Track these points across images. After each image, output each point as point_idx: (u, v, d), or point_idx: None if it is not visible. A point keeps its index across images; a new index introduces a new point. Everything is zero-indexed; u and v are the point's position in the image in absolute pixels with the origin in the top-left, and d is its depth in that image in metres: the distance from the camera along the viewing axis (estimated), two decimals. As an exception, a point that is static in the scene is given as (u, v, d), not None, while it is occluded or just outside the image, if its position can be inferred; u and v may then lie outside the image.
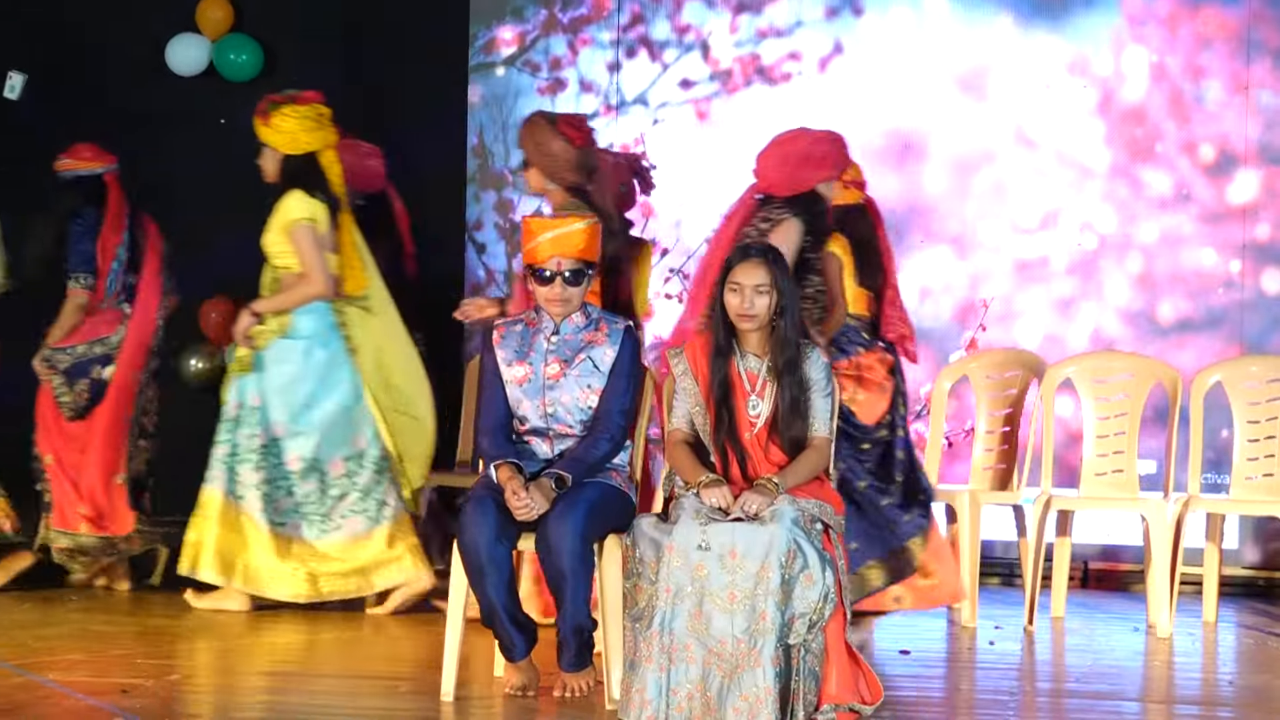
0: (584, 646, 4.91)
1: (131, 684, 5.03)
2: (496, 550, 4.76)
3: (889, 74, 7.89)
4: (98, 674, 5.19)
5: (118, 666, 5.31)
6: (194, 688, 5.09)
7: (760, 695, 4.53)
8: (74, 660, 5.39)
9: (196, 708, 4.80)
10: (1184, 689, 5.57)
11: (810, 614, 4.62)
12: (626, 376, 5.00)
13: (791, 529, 4.62)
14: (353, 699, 4.98)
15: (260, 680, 5.23)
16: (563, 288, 4.98)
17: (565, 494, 4.81)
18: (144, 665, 5.33)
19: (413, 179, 8.28)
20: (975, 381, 6.98)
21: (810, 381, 4.94)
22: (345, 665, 5.57)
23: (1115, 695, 5.33)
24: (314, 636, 6.02)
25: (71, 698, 4.85)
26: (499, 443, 4.95)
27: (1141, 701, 5.34)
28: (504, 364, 5.02)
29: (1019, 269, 7.80)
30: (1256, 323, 7.62)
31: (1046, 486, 6.63)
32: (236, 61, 8.54)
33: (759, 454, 4.93)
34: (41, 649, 5.55)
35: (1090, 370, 6.80)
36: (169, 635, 5.90)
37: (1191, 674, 5.79)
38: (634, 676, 4.65)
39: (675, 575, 4.64)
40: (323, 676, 5.34)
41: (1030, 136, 7.82)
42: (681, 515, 4.73)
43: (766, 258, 4.93)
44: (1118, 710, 5.13)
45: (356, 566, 6.34)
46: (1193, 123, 7.68)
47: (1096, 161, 7.76)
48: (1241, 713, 5.10)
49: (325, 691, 5.10)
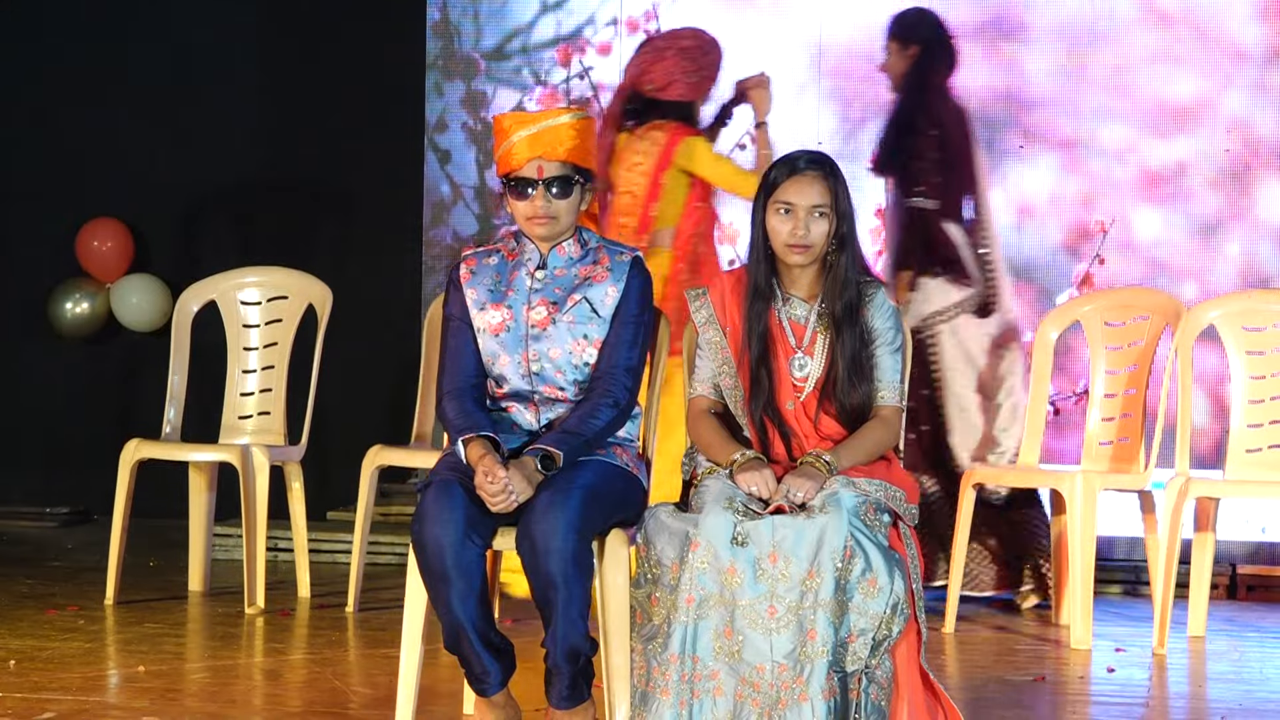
0: (580, 675, 4.92)
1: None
2: (464, 551, 4.76)
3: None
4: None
5: None
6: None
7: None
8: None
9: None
10: (1361, 730, 5.60)
11: (874, 631, 4.63)
12: (635, 324, 4.99)
13: (850, 520, 4.63)
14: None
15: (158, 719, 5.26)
16: (546, 200, 4.96)
17: (555, 477, 4.81)
18: (7, 700, 5.38)
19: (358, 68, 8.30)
20: (1090, 330, 6.98)
21: (875, 333, 4.93)
22: (269, 700, 5.60)
23: (1271, 738, 5.37)
24: (229, 661, 6.07)
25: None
26: (468, 410, 4.95)
27: (1306, 746, 5.39)
28: (475, 307, 5.02)
29: (1147, 182, 7.80)
30: None
31: (1183, 467, 6.64)
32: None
33: (807, 427, 4.93)
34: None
35: (1240, 314, 6.79)
36: (38, 660, 5.95)
37: (1371, 710, 5.82)
38: (646, 712, 4.67)
39: (701, 580, 4.65)
40: (239, 713, 5.37)
41: (1163, 7, 7.79)
42: (708, 502, 4.73)
43: (824, 169, 4.90)
44: (1275, 758, 5.16)
45: None
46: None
47: (1250, 40, 7.74)
48: None
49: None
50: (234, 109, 8.94)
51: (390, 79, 8.50)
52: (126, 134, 9.02)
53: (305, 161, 8.82)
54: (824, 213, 4.87)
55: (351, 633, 6.61)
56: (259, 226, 8.85)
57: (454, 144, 8.27)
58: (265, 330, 7.37)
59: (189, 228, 9.05)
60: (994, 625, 6.96)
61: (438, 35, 8.26)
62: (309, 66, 8.82)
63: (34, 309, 9.00)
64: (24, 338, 9.15)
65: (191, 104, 8.97)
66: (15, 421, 9.15)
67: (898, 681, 4.70)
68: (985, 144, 7.72)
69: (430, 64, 8.29)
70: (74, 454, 9.05)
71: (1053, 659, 6.38)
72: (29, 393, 9.20)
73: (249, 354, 7.36)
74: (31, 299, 9.03)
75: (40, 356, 9.18)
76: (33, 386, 9.23)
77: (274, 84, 8.90)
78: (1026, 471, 6.94)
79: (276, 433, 7.28)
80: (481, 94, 8.22)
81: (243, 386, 7.34)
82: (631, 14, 8.12)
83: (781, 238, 4.88)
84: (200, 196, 9.02)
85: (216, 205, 9.03)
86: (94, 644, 6.27)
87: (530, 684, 5.11)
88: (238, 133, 8.94)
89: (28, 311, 9.05)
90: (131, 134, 9.02)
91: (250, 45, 8.97)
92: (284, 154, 8.89)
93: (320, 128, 8.77)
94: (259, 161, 8.92)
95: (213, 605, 7.05)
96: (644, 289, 5.01)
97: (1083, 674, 6.14)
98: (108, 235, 8.93)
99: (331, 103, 8.75)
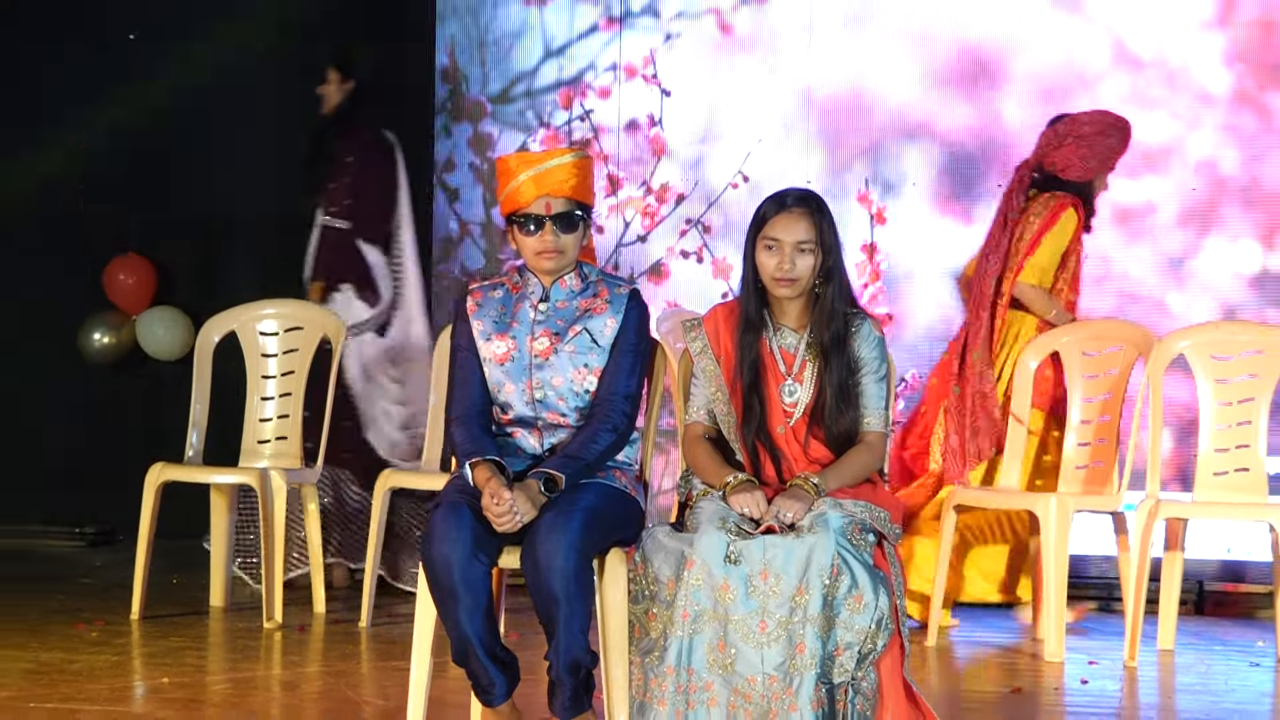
0: (581, 687, 4.92)
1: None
2: (471, 569, 4.77)
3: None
4: None
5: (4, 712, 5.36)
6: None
7: (798, 746, 4.56)
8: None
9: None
10: (1322, 739, 5.60)
11: (860, 645, 4.63)
12: (633, 353, 5.00)
13: (837, 540, 4.64)
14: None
15: (182, 728, 5.28)
16: (554, 235, 4.98)
17: (557, 498, 4.82)
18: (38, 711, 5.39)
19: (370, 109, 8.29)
20: (1067, 359, 6.99)
21: (861, 361, 4.94)
22: (286, 711, 5.60)
23: (1237, 747, 5.37)
24: (248, 674, 6.07)
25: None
26: (475, 435, 4.96)
27: (1270, 754, 5.39)
28: (481, 337, 5.03)
29: (1119, 219, 7.81)
30: None
31: (1154, 489, 6.65)
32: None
33: (796, 450, 4.94)
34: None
35: (1208, 345, 6.80)
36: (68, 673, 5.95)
37: (1332, 720, 5.82)
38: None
39: (696, 597, 4.66)
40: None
41: (1135, 53, 7.82)
42: (703, 523, 4.74)
43: (810, 205, 4.92)
44: (1240, 765, 5.16)
45: None
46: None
47: (1217, 84, 7.76)
48: (1393, 768, 5.13)
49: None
50: (252, 149, 8.95)
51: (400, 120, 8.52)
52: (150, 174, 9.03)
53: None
54: (809, 248, 4.88)
55: (364, 646, 6.61)
56: (276, 261, 8.86)
57: (462, 183, 8.29)
58: (282, 359, 7.39)
59: (210, 262, 9.06)
60: (974, 640, 6.96)
61: (446, 80, 8.28)
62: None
63: (64, 339, 9.01)
64: (55, 367, 9.16)
65: (211, 144, 8.98)
66: (46, 445, 9.16)
67: (882, 693, 4.71)
68: (965, 184, 7.74)
69: (439, 107, 8.31)
70: (101, 477, 9.05)
71: (1029, 671, 6.38)
72: (59, 418, 9.21)
73: (267, 382, 7.38)
74: (62, 330, 9.04)
75: (70, 384, 9.19)
76: (63, 412, 9.24)
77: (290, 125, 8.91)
78: (1005, 493, 6.94)
79: (293, 456, 7.29)
80: (487, 136, 8.24)
81: (261, 412, 7.35)
82: (630, 60, 8.14)
83: (769, 271, 4.90)
84: (220, 233, 9.03)
85: (235, 241, 9.04)
86: (120, 657, 6.27)
87: (534, 695, 5.13)
88: (255, 171, 8.95)
89: (58, 342, 9.06)
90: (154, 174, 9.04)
91: (269, 89, 8.98)
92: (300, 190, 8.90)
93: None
94: (275, 199, 8.93)
95: (233, 620, 7.06)
96: (641, 320, 5.02)
97: (1057, 685, 6.13)
98: (133, 270, 8.95)
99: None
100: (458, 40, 8.25)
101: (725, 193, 8.00)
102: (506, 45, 8.21)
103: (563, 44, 8.19)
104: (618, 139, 8.11)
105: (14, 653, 6.24)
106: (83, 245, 9.12)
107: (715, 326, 5.02)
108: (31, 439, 9.18)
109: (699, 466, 4.98)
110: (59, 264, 9.22)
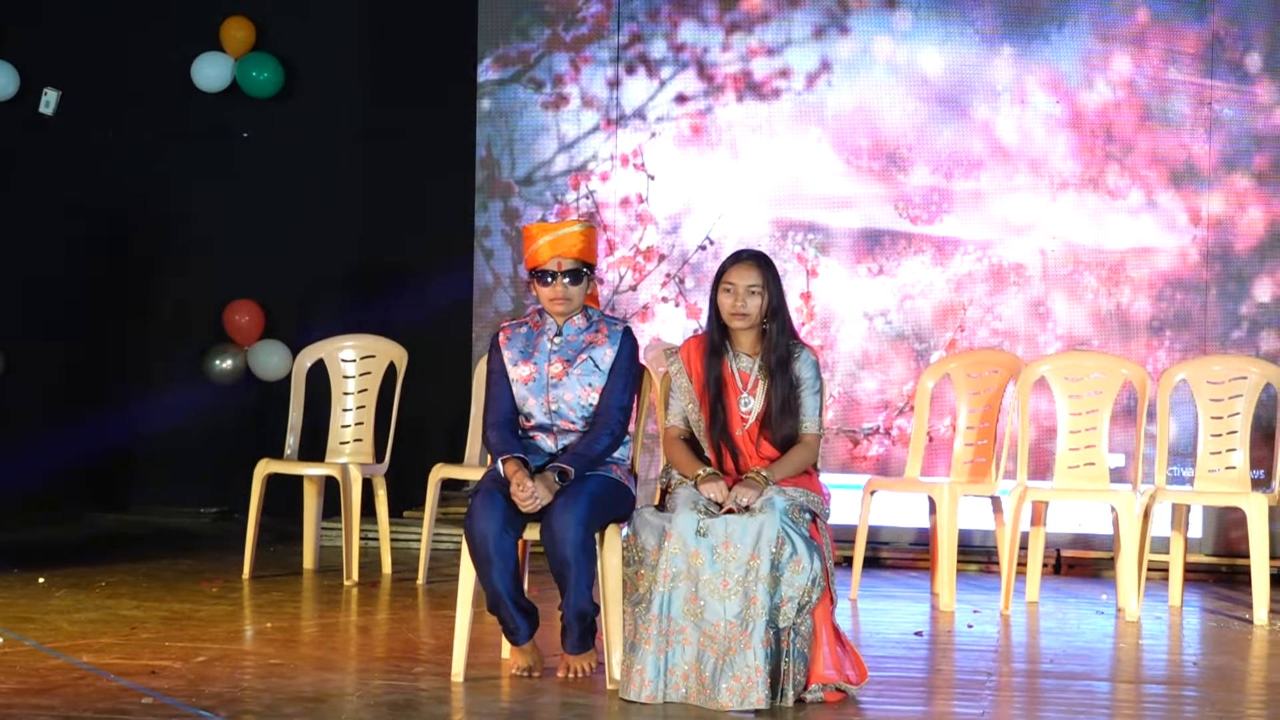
0: (586, 630, 4.90)
1: (160, 665, 5.05)
2: (503, 540, 4.75)
3: (873, 90, 7.88)
4: (128, 656, 5.19)
5: (147, 649, 5.32)
6: (218, 669, 5.09)
7: (752, 675, 4.53)
8: (105, 643, 5.39)
9: (221, 687, 4.80)
10: (1151, 669, 5.57)
11: (799, 598, 4.62)
12: (625, 375, 5.00)
13: (781, 518, 4.62)
14: (368, 679, 4.98)
15: (281, 661, 5.23)
16: (564, 287, 4.97)
17: (568, 486, 4.80)
18: (172, 648, 5.34)
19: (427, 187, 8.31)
20: (956, 380, 6.98)
21: (800, 380, 4.93)
22: (361, 648, 5.57)
23: (1087, 675, 5.33)
24: (332, 620, 6.04)
25: (103, 679, 4.85)
26: (505, 437, 4.94)
27: (1111, 681, 5.34)
28: (510, 363, 5.02)
29: (995, 275, 7.80)
30: (1219, 324, 7.62)
31: (1022, 479, 6.63)
32: (259, 79, 8.66)
33: (750, 449, 4.93)
34: (75, 632, 5.56)
35: (1063, 369, 6.79)
36: (195, 620, 5.91)
37: (1158, 655, 5.79)
38: (633, 658, 4.66)
39: (674, 561, 4.64)
40: (340, 658, 5.34)
41: (1006, 145, 7.81)
42: (679, 505, 4.73)
43: (758, 260, 4.93)
44: (1089, 689, 5.13)
45: None
46: (1158, 136, 7.68)
47: (1068, 172, 7.76)
48: (1204, 691, 5.10)
49: (343, 671, 5.10)
50: (337, 215, 8.92)
51: (450, 197, 8.50)
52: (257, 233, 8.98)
53: (390, 254, 8.79)
54: (757, 291, 4.88)
55: (421, 599, 6.58)
56: (356, 304, 8.82)
57: (495, 245, 8.25)
58: (359, 380, 7.36)
59: (305, 305, 9.01)
60: (886, 595, 6.93)
61: (484, 167, 8.26)
62: (393, 185, 8.81)
63: (192, 366, 8.96)
64: (185, 386, 9.11)
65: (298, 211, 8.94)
66: (180, 445, 9.10)
67: (816, 634, 4.70)
68: (879, 246, 7.70)
69: (478, 187, 8.28)
70: (221, 469, 8.99)
71: (928, 618, 6.36)
72: (187, 425, 9.16)
73: (347, 397, 7.34)
74: (190, 358, 8.99)
75: (196, 399, 9.13)
76: (190, 421, 9.18)
77: (367, 197, 8.89)
78: (910, 482, 6.92)
79: (367, 454, 7.26)
80: (515, 209, 8.21)
81: (343, 420, 7.32)
82: (624, 152, 8.13)
83: (727, 309, 4.90)
84: (313, 281, 8.98)
85: (325, 287, 9.00)
86: (234, 607, 6.23)
87: (550, 636, 5.10)
88: (341, 233, 8.91)
89: (188, 368, 9.01)
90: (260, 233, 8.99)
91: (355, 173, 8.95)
92: (375, 249, 8.87)
93: (401, 229, 8.75)
94: (357, 255, 8.90)
95: (320, 580, 7.02)
96: (633, 350, 5.02)
97: (950, 629, 6.11)
98: (245, 311, 8.90)
99: (411, 212, 8.74)
100: (493, 137, 8.23)
101: (696, 253, 7.97)
102: (529, 141, 8.19)
103: (572, 140, 8.17)
104: (614, 212, 8.09)
105: (154, 604, 6.21)
106: (209, 289, 9.07)
107: (688, 354, 5.01)
108: (167, 441, 9.13)
109: (676, 461, 4.96)
110: (185, 305, 9.18)
